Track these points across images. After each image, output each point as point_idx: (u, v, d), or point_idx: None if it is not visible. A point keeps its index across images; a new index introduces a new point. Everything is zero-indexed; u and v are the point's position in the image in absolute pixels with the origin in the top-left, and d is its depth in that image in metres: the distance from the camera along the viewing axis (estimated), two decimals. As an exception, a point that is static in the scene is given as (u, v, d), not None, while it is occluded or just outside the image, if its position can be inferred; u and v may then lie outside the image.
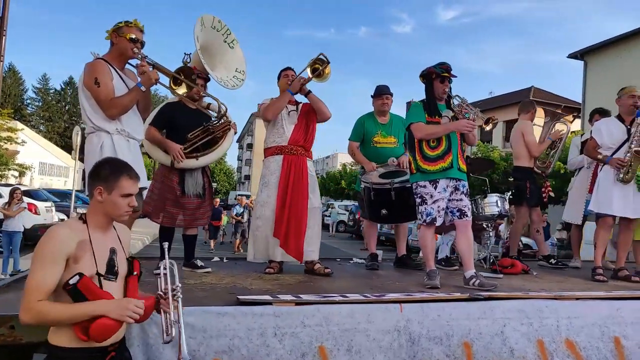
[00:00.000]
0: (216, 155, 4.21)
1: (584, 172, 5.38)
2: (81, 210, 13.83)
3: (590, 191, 4.94)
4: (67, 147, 47.92)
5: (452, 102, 3.94)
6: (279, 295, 2.95)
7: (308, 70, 4.30)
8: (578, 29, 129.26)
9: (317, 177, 4.84)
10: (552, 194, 5.35)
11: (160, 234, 4.14)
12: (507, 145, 25.53)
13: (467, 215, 3.83)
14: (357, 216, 20.99)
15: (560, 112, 5.65)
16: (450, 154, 3.83)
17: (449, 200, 3.86)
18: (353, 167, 37.77)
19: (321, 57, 4.23)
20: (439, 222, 3.85)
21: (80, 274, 1.85)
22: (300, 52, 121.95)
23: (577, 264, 5.45)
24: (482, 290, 3.50)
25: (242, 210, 15.07)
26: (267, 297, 2.85)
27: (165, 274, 2.17)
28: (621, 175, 4.42)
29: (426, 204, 3.84)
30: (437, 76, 3.92)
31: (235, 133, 4.29)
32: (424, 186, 3.86)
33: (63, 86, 62.73)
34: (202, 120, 4.17)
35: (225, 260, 4.99)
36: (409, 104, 41.17)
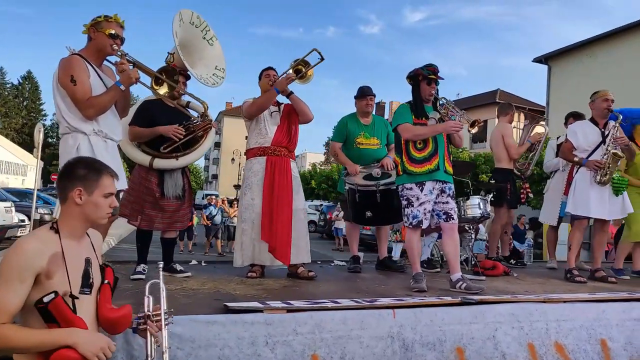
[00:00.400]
0: (197, 155, 4.06)
1: (559, 174, 5.46)
2: (43, 211, 13.35)
3: (566, 193, 5.02)
4: (25, 144, 46.19)
5: (438, 103, 3.91)
6: (268, 302, 2.84)
7: (291, 71, 4.21)
8: (539, 34, 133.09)
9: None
10: (531, 195, 5.41)
11: (138, 237, 3.96)
12: (475, 147, 26.06)
13: (453, 218, 3.81)
14: (327, 216, 20.95)
15: (527, 112, 5.71)
16: (436, 155, 3.79)
17: (435, 202, 3.82)
18: (322, 167, 37.76)
19: (306, 59, 4.15)
20: (425, 225, 3.81)
21: (56, 293, 1.67)
22: (267, 50, 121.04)
23: (554, 264, 5.54)
24: (469, 294, 3.49)
25: (216, 211, 14.60)
26: (258, 305, 2.74)
27: (149, 296, 2.00)
28: (598, 177, 4.48)
29: (412, 206, 3.80)
30: (424, 78, 3.89)
31: (217, 132, 4.15)
32: (410, 188, 3.82)
33: (21, 80, 60.22)
34: (182, 119, 4.03)
35: (203, 264, 4.84)
36: (378, 104, 41.58)
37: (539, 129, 5.50)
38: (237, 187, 43.80)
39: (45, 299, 1.66)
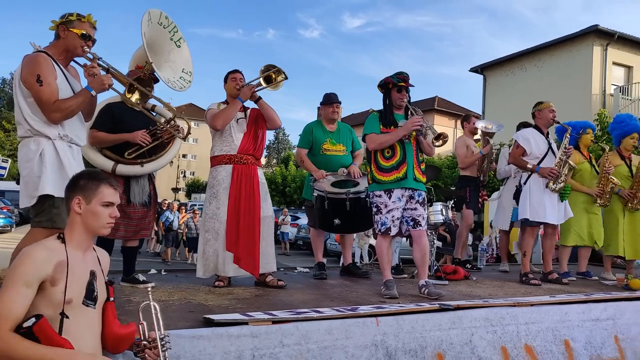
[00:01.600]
0: (162, 162, 3.91)
1: (511, 181, 5.70)
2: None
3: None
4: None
5: (409, 112, 3.98)
6: (250, 313, 2.77)
7: (261, 78, 4.14)
8: (472, 45, 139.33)
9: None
10: (487, 201, 5.62)
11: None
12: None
13: (421, 225, 3.87)
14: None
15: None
16: (404, 164, 3.85)
17: (404, 209, 3.88)
18: (264, 170, 37.45)
19: (277, 69, 4.11)
20: (393, 232, 3.86)
21: (38, 316, 1.66)
22: (209, 51, 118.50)
23: (506, 267, 5.78)
24: (430, 299, 3.59)
25: (172, 217, 13.92)
26: (242, 317, 2.66)
27: (143, 322, 2.01)
28: (553, 185, 4.71)
29: (381, 213, 3.85)
30: (394, 86, 3.96)
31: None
32: (379, 196, 3.87)
33: None
34: (147, 123, 3.89)
35: (163, 273, 4.66)
36: (320, 108, 41.80)
37: (492, 141, 5.75)
38: (175, 190, 42.61)
39: (26, 324, 1.64)
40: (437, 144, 3.89)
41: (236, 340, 2.49)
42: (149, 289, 2.06)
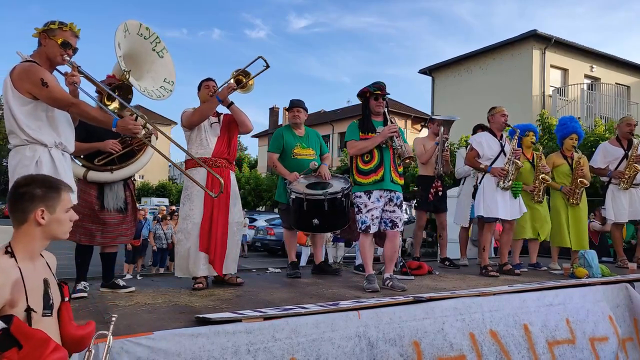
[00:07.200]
0: (133, 169, 4.00)
1: (469, 180, 6.09)
2: None
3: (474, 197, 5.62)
4: None
5: (388, 119, 4.24)
6: (241, 312, 2.92)
7: (232, 81, 4.29)
8: (417, 47, 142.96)
9: (175, 183, 4.75)
10: (440, 192, 5.83)
11: (77, 253, 3.78)
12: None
13: (398, 226, 4.19)
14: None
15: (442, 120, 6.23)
16: (382, 167, 4.14)
17: (384, 210, 4.16)
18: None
19: (247, 69, 4.29)
20: (372, 230, 4.13)
21: (9, 317, 1.58)
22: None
23: (465, 262, 6.16)
24: (394, 292, 3.92)
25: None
26: (235, 315, 2.82)
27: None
28: (502, 183, 5.13)
29: (362, 212, 4.14)
30: (371, 94, 4.26)
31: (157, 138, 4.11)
32: (360, 196, 4.17)
33: None
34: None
35: (139, 278, 4.72)
36: (272, 110, 41.93)
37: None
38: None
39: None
40: (398, 162, 4.23)
41: (232, 337, 2.64)
42: (112, 319, 1.94)
